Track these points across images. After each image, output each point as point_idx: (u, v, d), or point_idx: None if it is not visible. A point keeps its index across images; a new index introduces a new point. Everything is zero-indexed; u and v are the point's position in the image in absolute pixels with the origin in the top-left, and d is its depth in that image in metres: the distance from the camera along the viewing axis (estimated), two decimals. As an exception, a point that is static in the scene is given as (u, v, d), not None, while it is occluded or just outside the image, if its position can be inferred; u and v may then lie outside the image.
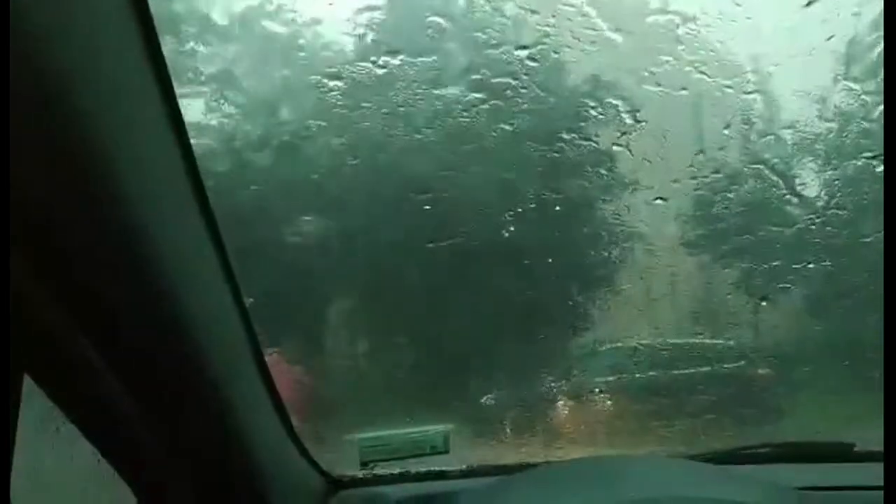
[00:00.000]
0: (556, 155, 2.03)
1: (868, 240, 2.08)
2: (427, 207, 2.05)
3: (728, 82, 2.01)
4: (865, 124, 2.03)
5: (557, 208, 2.07)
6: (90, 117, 0.88)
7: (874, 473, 2.01)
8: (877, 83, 1.94)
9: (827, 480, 1.94)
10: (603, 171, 2.09)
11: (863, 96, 2.00)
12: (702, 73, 1.94)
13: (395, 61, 1.89)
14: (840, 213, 2.09)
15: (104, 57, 0.91)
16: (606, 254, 2.20)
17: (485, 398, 2.28)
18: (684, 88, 1.99)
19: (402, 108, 1.94)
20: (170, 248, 1.11)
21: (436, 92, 1.93)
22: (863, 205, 2.08)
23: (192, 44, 1.93)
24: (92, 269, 1.01)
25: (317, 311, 2.23)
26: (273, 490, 1.61)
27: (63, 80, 0.83)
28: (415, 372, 2.30)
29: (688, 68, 1.94)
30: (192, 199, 1.18)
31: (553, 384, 2.32)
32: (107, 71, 0.92)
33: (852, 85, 2.00)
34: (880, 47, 1.88)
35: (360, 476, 2.07)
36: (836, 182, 2.10)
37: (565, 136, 2.00)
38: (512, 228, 2.09)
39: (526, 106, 1.96)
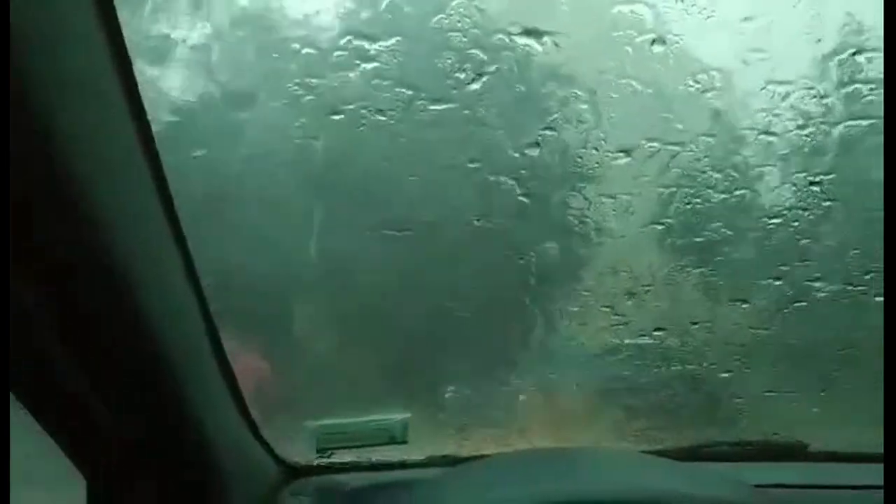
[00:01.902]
0: (521, 148, 2.02)
1: (831, 244, 2.11)
2: (391, 195, 2.04)
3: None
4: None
5: (523, 200, 2.07)
6: (51, 117, 0.88)
7: (827, 472, 2.06)
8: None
9: (781, 478, 1.97)
10: (568, 165, 2.09)
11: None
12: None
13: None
14: (804, 213, 2.11)
15: (66, 55, 0.91)
16: (572, 248, 2.20)
17: (446, 389, 2.28)
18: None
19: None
20: (128, 237, 1.11)
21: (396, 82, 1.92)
22: (833, 207, 2.11)
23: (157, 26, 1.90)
24: (51, 261, 1.01)
25: (276, 298, 2.21)
26: (228, 477, 1.61)
27: (25, 79, 0.82)
28: (375, 360, 2.29)
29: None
30: (153, 190, 1.18)
31: (515, 378, 2.32)
32: (68, 69, 0.92)
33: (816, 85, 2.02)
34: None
35: (317, 464, 2.07)
36: (801, 183, 2.11)
37: (533, 131, 2.00)
38: (476, 219, 2.08)
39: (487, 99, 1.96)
